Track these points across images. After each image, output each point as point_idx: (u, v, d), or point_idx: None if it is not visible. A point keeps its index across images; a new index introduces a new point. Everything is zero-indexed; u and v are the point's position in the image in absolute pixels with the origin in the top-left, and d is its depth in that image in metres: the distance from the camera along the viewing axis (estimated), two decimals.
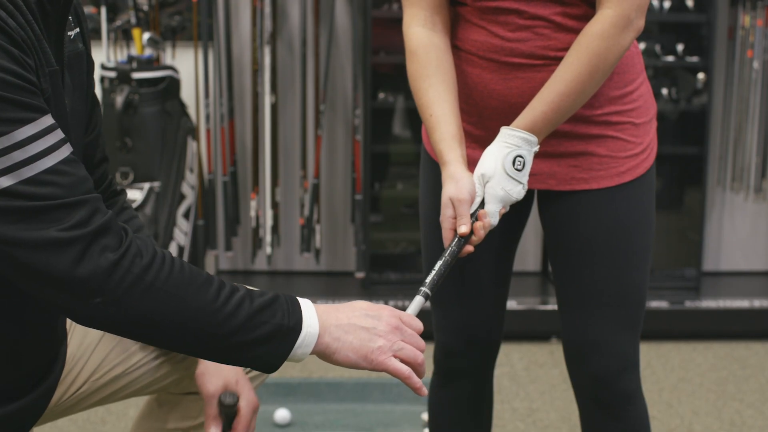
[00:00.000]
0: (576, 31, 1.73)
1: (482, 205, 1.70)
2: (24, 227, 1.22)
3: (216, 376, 1.63)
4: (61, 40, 1.39)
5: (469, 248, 1.70)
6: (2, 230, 1.22)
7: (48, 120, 1.25)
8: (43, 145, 1.24)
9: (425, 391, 1.44)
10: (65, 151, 1.27)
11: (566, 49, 1.74)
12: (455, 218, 1.70)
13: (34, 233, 1.22)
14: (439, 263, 1.65)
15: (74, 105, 1.45)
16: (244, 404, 1.64)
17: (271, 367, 1.38)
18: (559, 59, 1.74)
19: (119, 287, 1.25)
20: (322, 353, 1.39)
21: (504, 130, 1.72)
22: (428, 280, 1.62)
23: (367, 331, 1.40)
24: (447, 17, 1.85)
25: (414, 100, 1.82)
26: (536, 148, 1.72)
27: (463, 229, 1.68)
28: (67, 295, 1.25)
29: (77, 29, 1.49)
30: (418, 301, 1.58)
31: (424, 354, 1.45)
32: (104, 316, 1.27)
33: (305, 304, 1.40)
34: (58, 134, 1.26)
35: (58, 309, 1.32)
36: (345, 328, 1.39)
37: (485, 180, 1.70)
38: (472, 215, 1.69)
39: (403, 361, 1.41)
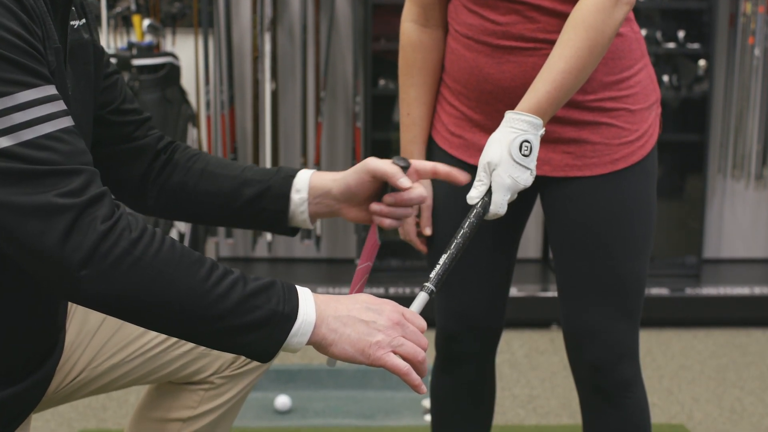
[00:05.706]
0: (565, 15, 1.71)
1: (489, 194, 1.63)
2: (17, 191, 1.19)
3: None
4: (65, 26, 1.38)
5: None
6: None
7: (51, 89, 1.24)
8: (44, 111, 1.22)
9: (424, 388, 1.37)
10: (66, 121, 1.24)
11: (556, 31, 1.71)
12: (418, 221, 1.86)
13: (27, 197, 1.19)
14: (443, 257, 1.55)
15: (80, 95, 1.44)
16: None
17: (264, 355, 1.33)
18: (549, 42, 1.72)
19: (106, 259, 1.21)
20: (318, 344, 1.34)
21: (509, 115, 1.66)
22: (432, 275, 1.51)
23: (366, 324, 1.34)
24: (442, 12, 1.87)
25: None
26: (542, 131, 1.66)
27: (428, 231, 1.91)
28: (54, 265, 1.21)
29: (83, 20, 1.47)
30: (422, 298, 1.48)
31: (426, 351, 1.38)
32: (90, 290, 1.23)
33: (303, 292, 1.34)
34: (61, 105, 1.25)
35: (42, 281, 1.26)
36: (343, 320, 1.34)
37: (491, 168, 1.63)
38: (476, 206, 1.63)
39: (402, 357, 1.34)
